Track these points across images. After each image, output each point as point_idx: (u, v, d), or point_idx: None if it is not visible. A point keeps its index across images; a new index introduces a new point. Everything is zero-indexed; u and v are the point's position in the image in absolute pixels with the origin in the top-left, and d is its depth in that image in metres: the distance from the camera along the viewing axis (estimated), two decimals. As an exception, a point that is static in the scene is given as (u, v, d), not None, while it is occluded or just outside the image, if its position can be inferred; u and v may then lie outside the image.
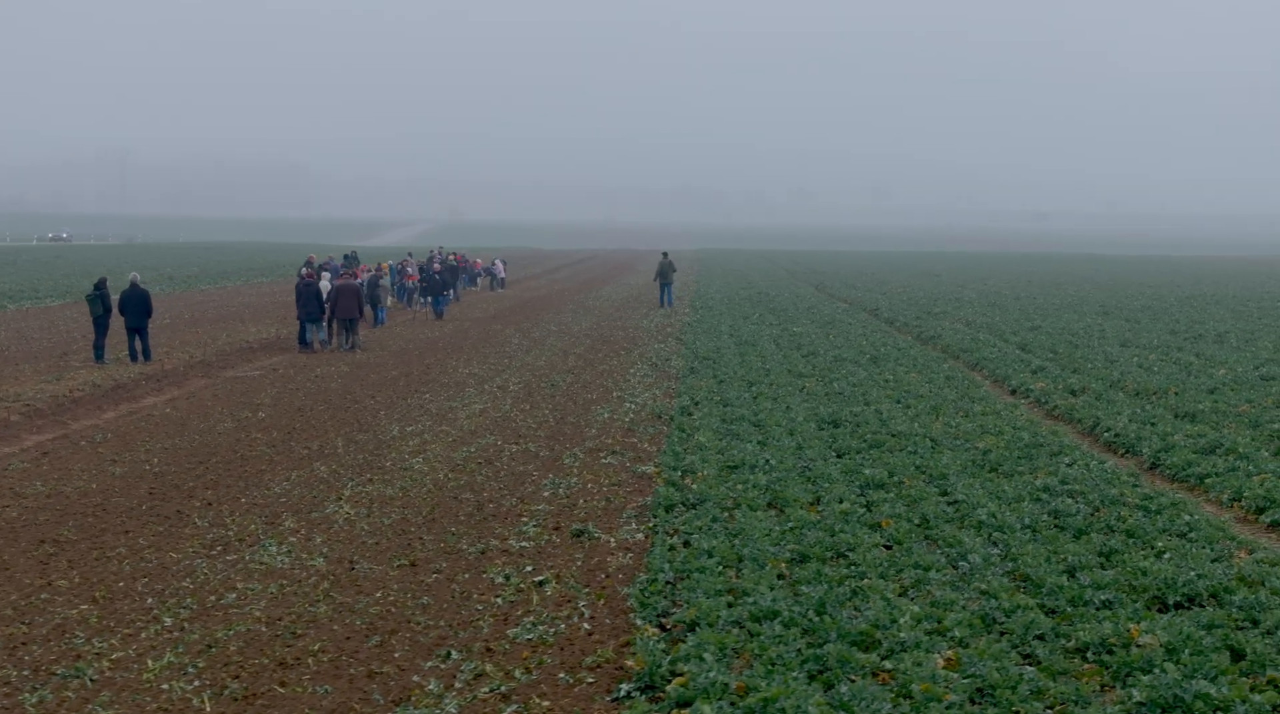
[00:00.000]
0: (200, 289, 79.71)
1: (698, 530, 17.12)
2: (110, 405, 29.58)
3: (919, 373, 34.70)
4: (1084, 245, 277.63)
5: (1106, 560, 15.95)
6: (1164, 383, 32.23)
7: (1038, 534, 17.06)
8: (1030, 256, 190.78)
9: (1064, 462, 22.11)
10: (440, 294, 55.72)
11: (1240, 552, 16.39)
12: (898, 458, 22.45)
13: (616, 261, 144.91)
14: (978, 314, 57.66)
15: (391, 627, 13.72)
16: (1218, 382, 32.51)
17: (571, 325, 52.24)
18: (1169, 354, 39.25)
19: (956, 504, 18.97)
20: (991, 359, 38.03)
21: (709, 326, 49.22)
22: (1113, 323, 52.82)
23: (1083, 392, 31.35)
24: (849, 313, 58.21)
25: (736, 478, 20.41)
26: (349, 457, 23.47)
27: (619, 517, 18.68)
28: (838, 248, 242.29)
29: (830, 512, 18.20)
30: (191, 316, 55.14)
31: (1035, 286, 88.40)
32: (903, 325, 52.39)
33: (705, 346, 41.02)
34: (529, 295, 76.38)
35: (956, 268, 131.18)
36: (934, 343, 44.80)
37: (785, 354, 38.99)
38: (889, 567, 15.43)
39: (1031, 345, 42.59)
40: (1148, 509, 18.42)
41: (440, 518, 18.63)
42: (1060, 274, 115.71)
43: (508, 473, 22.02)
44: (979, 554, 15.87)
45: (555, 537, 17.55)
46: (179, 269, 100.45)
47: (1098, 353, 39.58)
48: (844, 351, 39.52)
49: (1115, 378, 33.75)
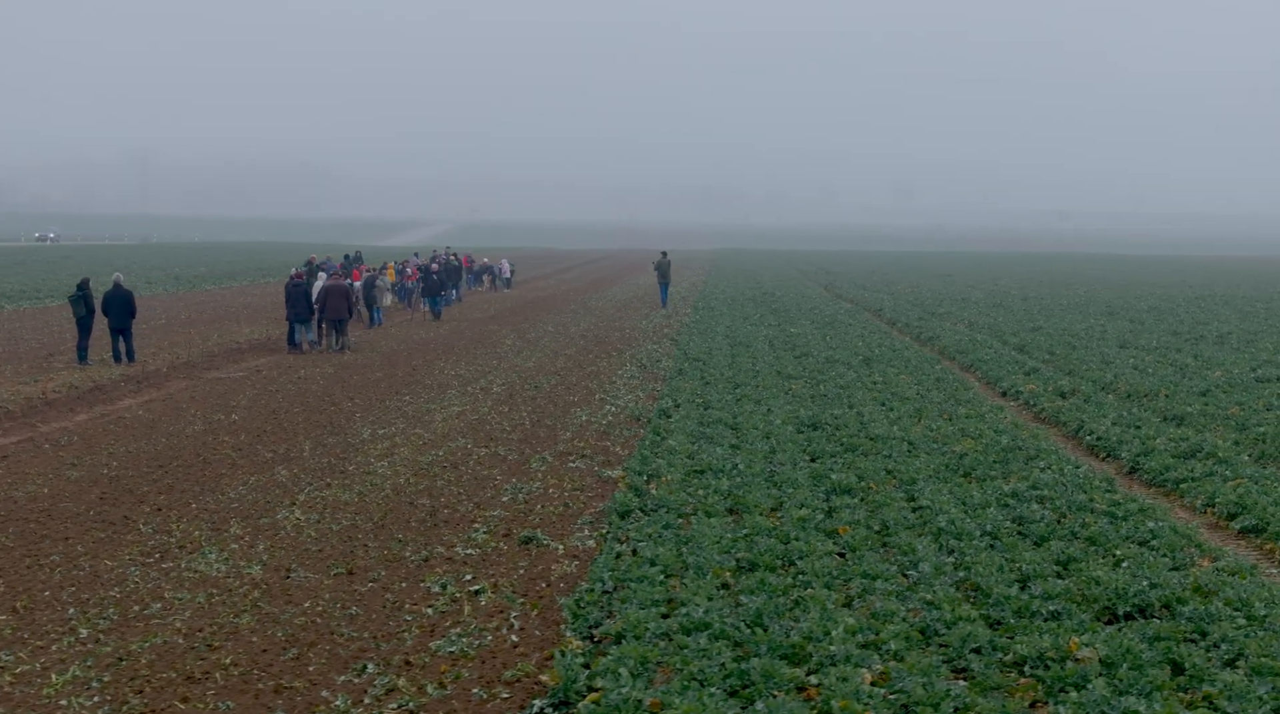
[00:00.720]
0: (204, 289, 79.48)
1: (648, 538, 16.70)
2: (84, 407, 29.23)
3: (910, 375, 34.27)
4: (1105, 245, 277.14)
5: (1063, 569, 15.54)
6: (1156, 385, 31.79)
7: (998, 541, 16.65)
8: (1048, 256, 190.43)
9: (1039, 466, 21.67)
10: (438, 295, 55.32)
11: (1203, 560, 15.98)
12: (871, 462, 22.03)
13: (628, 262, 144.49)
14: (981, 315, 57.20)
15: (312, 639, 13.33)
16: (1211, 384, 32.06)
17: (569, 326, 51.87)
18: (1166, 356, 38.77)
19: (920, 510, 18.56)
20: (986, 361, 37.58)
21: (706, 327, 48.80)
22: (1116, 324, 52.34)
23: (1073, 394, 30.95)
24: (851, 313, 57.79)
25: (700, 483, 19.99)
26: (313, 460, 23.10)
27: (574, 523, 18.30)
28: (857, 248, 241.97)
29: (789, 518, 17.78)
30: (189, 317, 54.92)
31: (1046, 287, 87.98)
32: (904, 326, 51.97)
33: (697, 348, 40.60)
34: (534, 295, 76.07)
35: (971, 268, 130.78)
36: (932, 344, 44.39)
37: (777, 355, 38.57)
38: (837, 576, 15.02)
39: (1029, 346, 42.16)
40: (1114, 516, 18.00)
41: (391, 524, 18.24)
42: (1074, 274, 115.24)
43: (470, 477, 21.63)
44: (931, 563, 15.45)
45: (503, 544, 17.16)
46: (187, 269, 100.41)
47: (1095, 354, 39.15)
48: (838, 353, 39.07)
49: (1108, 380, 33.32)
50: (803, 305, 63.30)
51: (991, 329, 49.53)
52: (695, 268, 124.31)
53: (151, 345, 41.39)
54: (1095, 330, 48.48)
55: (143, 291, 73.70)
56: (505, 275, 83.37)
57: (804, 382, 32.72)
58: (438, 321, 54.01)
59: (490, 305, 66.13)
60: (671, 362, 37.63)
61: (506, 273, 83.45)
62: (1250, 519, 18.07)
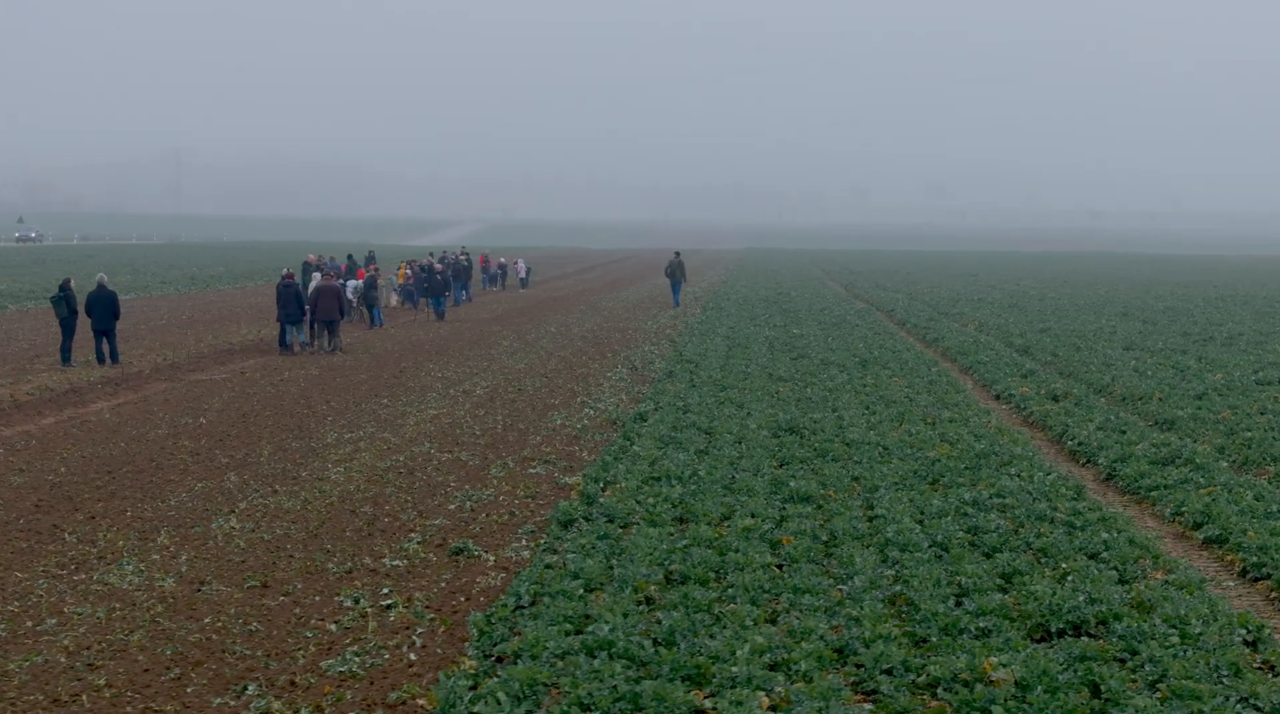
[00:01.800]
0: (218, 289, 79.11)
1: (581, 549, 16.14)
2: (53, 411, 28.73)
3: (904, 377, 33.66)
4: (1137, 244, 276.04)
5: (1006, 583, 14.98)
6: (1153, 388, 31.23)
7: (946, 553, 16.08)
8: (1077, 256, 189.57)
9: (1010, 473, 21.06)
10: (440, 295, 54.81)
11: (1156, 572, 15.42)
12: (838, 468, 21.46)
13: (653, 261, 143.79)
14: (993, 316, 56.57)
15: (200, 657, 12.77)
16: (1209, 386, 31.49)
17: (572, 327, 51.32)
18: (1170, 357, 38.11)
19: (875, 519, 17.99)
20: (985, 362, 36.98)
21: (709, 328, 48.18)
22: (1128, 324, 51.66)
23: (1065, 397, 30.35)
24: (862, 314, 57.10)
25: (652, 491, 19.38)
26: (269, 466, 22.57)
27: (514, 533, 17.75)
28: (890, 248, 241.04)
29: (734, 528, 17.20)
30: (190, 317, 54.59)
31: (1067, 286, 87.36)
32: (913, 326, 51.33)
33: (694, 349, 40.01)
34: (547, 295, 75.54)
35: (997, 267, 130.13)
36: (936, 345, 43.78)
37: (773, 357, 37.95)
38: (767, 590, 14.46)
39: (1034, 348, 41.55)
40: (1072, 526, 17.42)
41: (325, 534, 17.70)
42: (1099, 274, 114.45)
43: (424, 484, 21.10)
44: (868, 575, 14.87)
45: (433, 555, 16.61)
46: (204, 269, 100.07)
47: (1098, 356, 38.54)
48: (836, 355, 38.44)
49: (1105, 383, 32.74)
50: (814, 306, 62.64)
51: (999, 330, 48.90)
52: (719, 268, 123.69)
53: (142, 346, 41.02)
54: (1105, 331, 47.79)
55: (156, 292, 73.61)
56: (521, 275, 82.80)
57: (793, 384, 32.14)
58: (440, 322, 53.46)
59: (500, 305, 65.62)
60: (665, 363, 37.02)
61: (522, 272, 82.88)
62: (1214, 529, 17.48)
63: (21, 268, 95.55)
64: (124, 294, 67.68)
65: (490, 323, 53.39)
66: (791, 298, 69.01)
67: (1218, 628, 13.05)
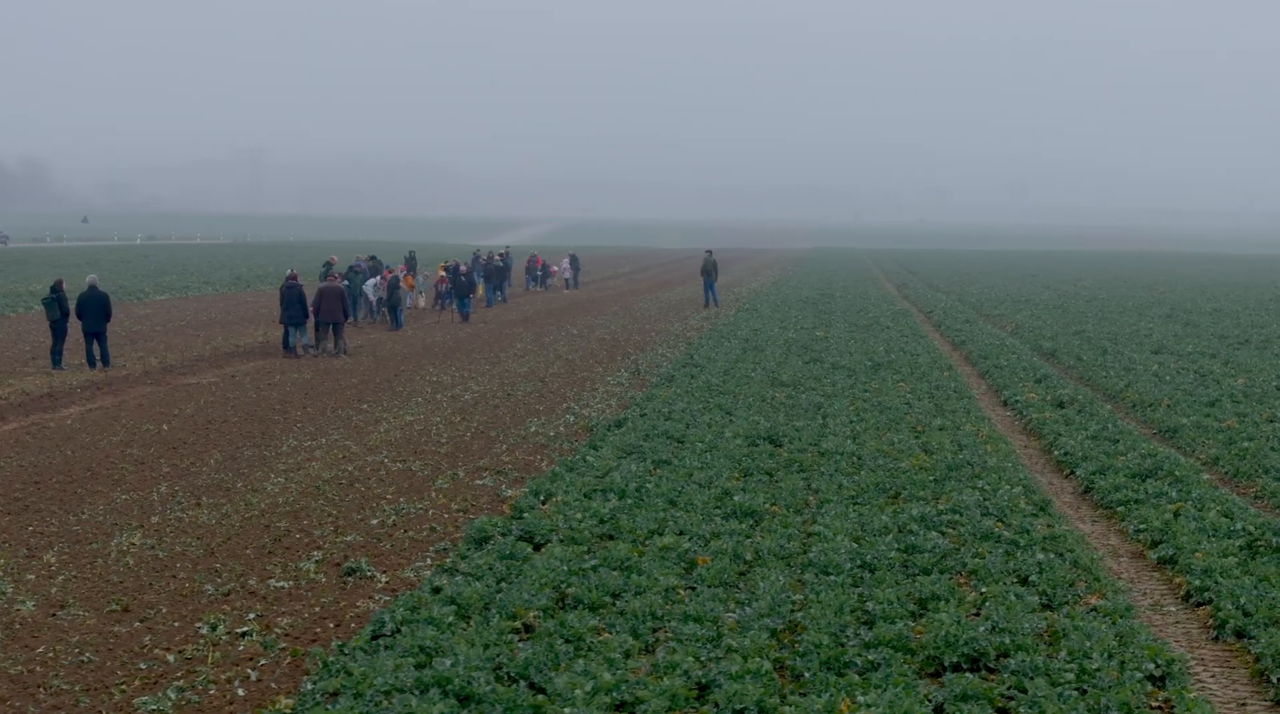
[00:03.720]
0: (259, 289, 78.29)
1: (477, 570, 15.17)
2: (18, 416, 27.93)
3: (911, 382, 32.56)
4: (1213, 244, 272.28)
5: (920, 609, 13.97)
6: (1168, 393, 30.22)
7: (871, 574, 15.10)
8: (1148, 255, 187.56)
9: (978, 485, 20.04)
10: (466, 296, 53.94)
11: (1089, 597, 14.39)
12: (798, 481, 20.50)
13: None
14: (1031, 317, 55.33)
15: (7, 693, 11.85)
16: (1225, 392, 30.38)
17: (595, 329, 50.28)
18: (1196, 361, 36.92)
19: (810, 537, 16.97)
20: (1003, 367, 35.85)
21: (732, 331, 47.07)
22: (1167, 326, 50.34)
23: (1070, 403, 29.21)
24: (900, 315, 55.75)
25: (584, 505, 18.39)
26: (208, 476, 21.70)
27: (425, 551, 16.79)
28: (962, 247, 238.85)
29: (653, 546, 16.19)
30: (209, 319, 53.89)
31: (1124, 287, 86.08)
32: (947, 328, 50.12)
33: (706, 353, 38.97)
34: (588, 296, 74.51)
35: (1063, 267, 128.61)
36: (961, 348, 42.69)
37: (785, 361, 36.87)
38: (658, 616, 13.52)
39: (1060, 351, 40.37)
40: (1016, 545, 16.38)
41: (225, 550, 16.79)
42: (1164, 274, 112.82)
43: (358, 496, 20.16)
44: (768, 601, 13.84)
45: (325, 575, 15.66)
46: (252, 268, 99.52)
47: (1122, 360, 37.42)
48: (850, 358, 37.32)
49: (1119, 388, 31.69)
50: (853, 307, 61.40)
51: (1032, 332, 47.68)
52: (776, 268, 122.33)
53: (144, 349, 40.41)
54: (1140, 334, 46.51)
55: (195, 292, 73.12)
56: (566, 275, 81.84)
57: (792, 390, 31.10)
58: (464, 324, 52.60)
59: (533, 306, 64.66)
60: (670, 367, 35.99)
61: (567, 273, 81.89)
62: (1169, 548, 16.38)
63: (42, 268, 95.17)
64: (161, 295, 67.50)
65: (515, 325, 52.46)
66: (834, 299, 67.78)
67: (1118, 663, 12.05)
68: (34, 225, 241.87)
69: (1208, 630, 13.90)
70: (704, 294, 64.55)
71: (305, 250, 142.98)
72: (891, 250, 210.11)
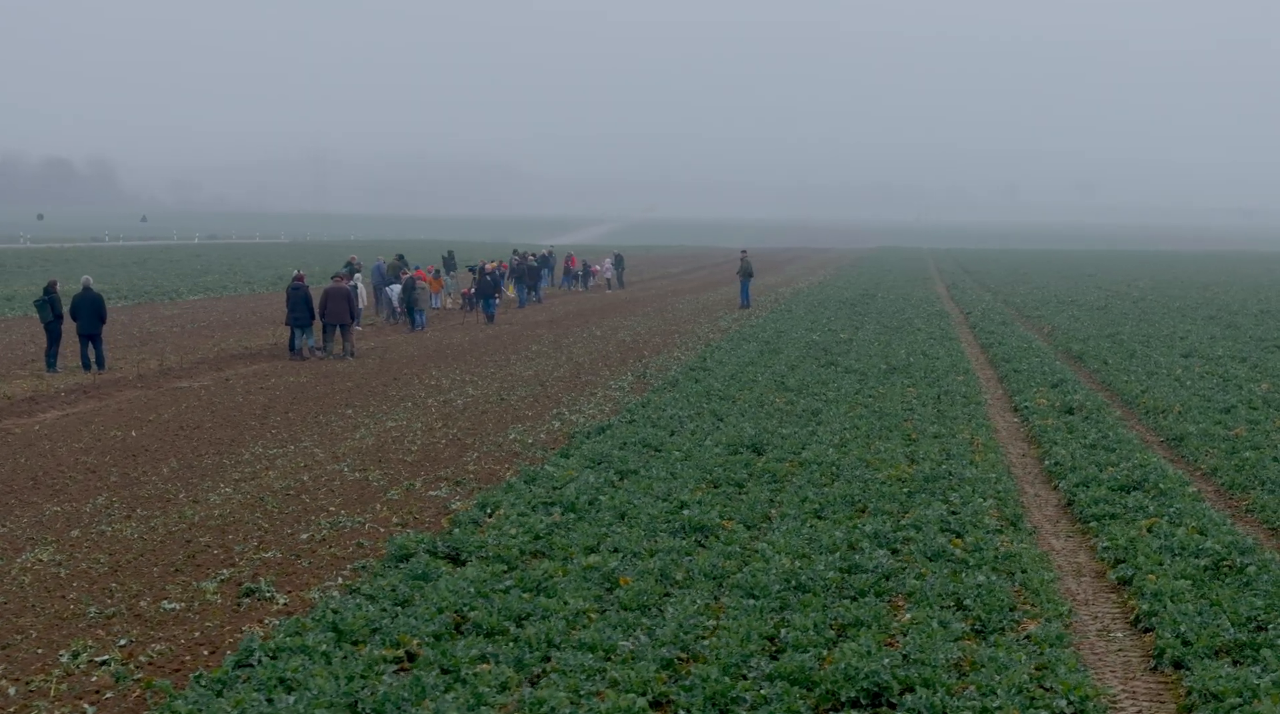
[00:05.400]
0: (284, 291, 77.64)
1: (380, 591, 14.28)
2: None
3: (920, 387, 31.54)
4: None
5: (838, 636, 13.02)
6: (1184, 399, 29.20)
7: (801, 596, 14.14)
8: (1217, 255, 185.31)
9: (951, 498, 19.02)
10: (490, 297, 53.11)
11: (1029, 622, 13.42)
12: (765, 492, 19.65)
13: (766, 260, 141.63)
14: (1071, 319, 54.20)
15: None
16: (1244, 398, 29.32)
17: (621, 330, 49.33)
18: (1223, 365, 35.80)
19: (751, 555, 15.96)
20: (1023, 371, 34.79)
21: (755, 332, 46.09)
22: (1206, 328, 49.15)
23: (1079, 409, 28.14)
24: (935, 318, 54.48)
25: (523, 520, 17.47)
26: (155, 486, 20.89)
27: (340, 569, 15.88)
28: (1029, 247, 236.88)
29: (577, 564, 15.28)
30: (228, 320, 53.19)
31: (1177, 287, 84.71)
32: (981, 330, 48.96)
33: (719, 355, 38.05)
34: (629, 296, 73.59)
35: (1123, 268, 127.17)
36: (989, 350, 41.45)
37: (798, 364, 35.90)
38: (554, 644, 12.63)
39: (1088, 354, 39.26)
40: (965, 564, 15.49)
41: (131, 568, 15.95)
42: (1224, 274, 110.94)
43: (300, 508, 19.29)
44: (674, 627, 12.88)
45: (220, 597, 14.77)
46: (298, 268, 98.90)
47: (1148, 363, 36.41)
48: (867, 361, 36.30)
49: (1135, 393, 30.60)
50: (890, 307, 60.26)
51: (1066, 333, 46.61)
52: (832, 267, 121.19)
53: (150, 351, 39.75)
54: (1176, 336, 45.28)
55: (231, 292, 72.61)
56: (608, 275, 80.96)
57: (795, 394, 30.18)
58: (489, 325, 51.76)
59: (566, 307, 63.78)
60: (679, 370, 35.04)
61: (609, 273, 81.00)
62: (1128, 569, 15.34)
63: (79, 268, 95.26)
64: (196, 295, 67.02)
65: (540, 326, 51.57)
66: (874, 299, 66.64)
67: (1026, 700, 11.16)
68: (94, 224, 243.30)
69: (1147, 659, 12.89)
70: (740, 295, 63.57)
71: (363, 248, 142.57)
72: (957, 250, 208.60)
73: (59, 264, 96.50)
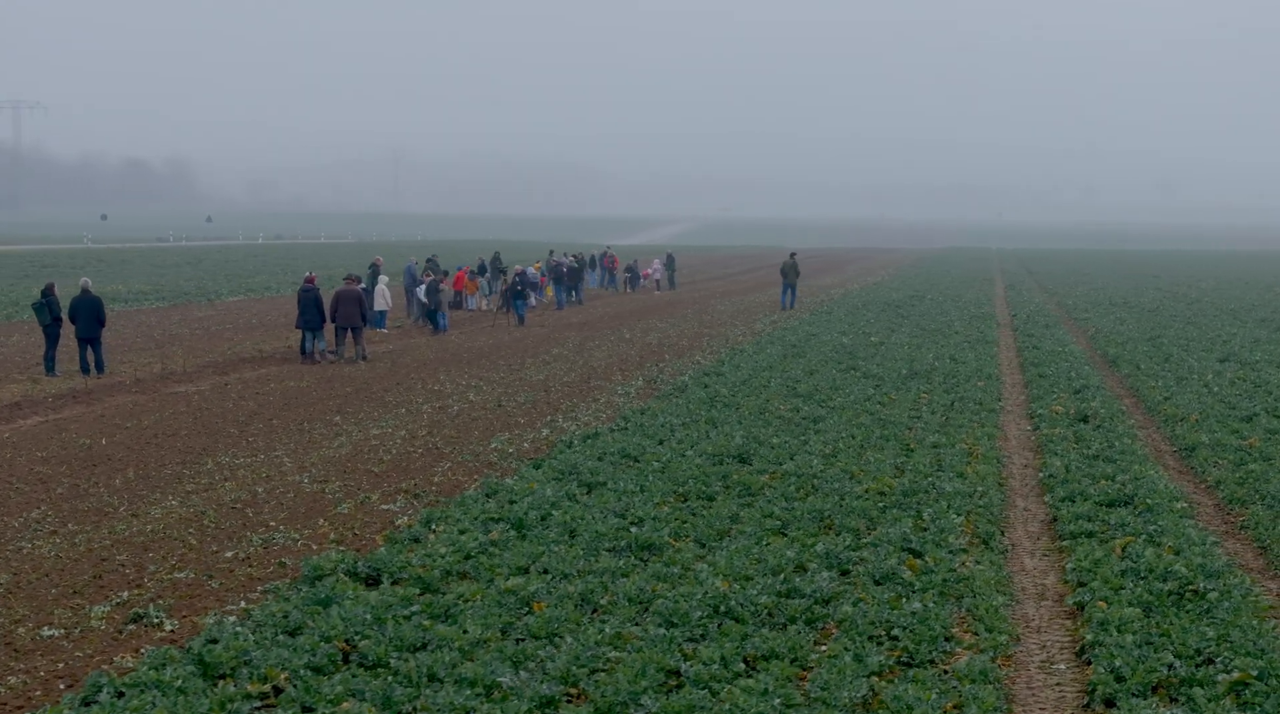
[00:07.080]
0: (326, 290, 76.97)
1: (269, 618, 13.43)
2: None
3: (934, 393, 30.49)
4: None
5: (750, 668, 12.18)
6: (1207, 406, 28.03)
7: (722, 625, 13.28)
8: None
9: (925, 513, 18.02)
10: (520, 298, 52.25)
11: (961, 653, 12.47)
12: (732, 507, 18.68)
13: (829, 260, 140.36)
14: (1117, 321, 52.95)
15: None
16: (1269, 406, 28.35)
17: (651, 333, 48.30)
18: (1259, 370, 34.65)
19: (687, 574, 14.99)
20: (1049, 376, 33.87)
21: (786, 335, 45.09)
22: (1252, 332, 47.70)
23: (1093, 417, 27.04)
24: (977, 321, 53.08)
25: (456, 538, 16.56)
26: (100, 498, 20.04)
27: (249, 592, 15.01)
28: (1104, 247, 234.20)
29: (496, 589, 14.35)
30: (255, 322, 52.42)
31: (1241, 287, 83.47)
32: (1022, 333, 47.66)
33: (739, 359, 37.11)
34: (674, 298, 72.56)
35: (1189, 268, 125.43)
36: (1021, 354, 40.28)
37: (817, 369, 34.90)
38: (433, 678, 11.75)
39: (1122, 358, 38.08)
40: (912, 587, 14.56)
41: (28, 590, 15.09)
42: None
43: (239, 523, 18.42)
44: (566, 660, 11.96)
45: (106, 624, 13.90)
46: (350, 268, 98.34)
47: (1181, 368, 35.29)
48: (889, 366, 35.29)
49: (1158, 400, 29.39)
50: (934, 310, 59.00)
51: (1107, 336, 45.43)
52: (891, 268, 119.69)
53: (159, 354, 39.08)
54: (1219, 339, 43.90)
55: (275, 292, 72.04)
56: (658, 276, 79.99)
57: (802, 401, 29.18)
58: (519, 326, 50.93)
59: (603, 309, 62.82)
60: (693, 374, 34.09)
61: (659, 274, 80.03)
62: (1086, 593, 14.31)
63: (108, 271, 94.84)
64: (235, 296, 66.48)
65: (570, 328, 50.66)
66: (921, 301, 65.35)
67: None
68: (161, 224, 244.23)
69: (1082, 694, 11.90)
70: (781, 296, 62.49)
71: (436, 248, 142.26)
72: (1028, 250, 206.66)
73: (114, 265, 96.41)
